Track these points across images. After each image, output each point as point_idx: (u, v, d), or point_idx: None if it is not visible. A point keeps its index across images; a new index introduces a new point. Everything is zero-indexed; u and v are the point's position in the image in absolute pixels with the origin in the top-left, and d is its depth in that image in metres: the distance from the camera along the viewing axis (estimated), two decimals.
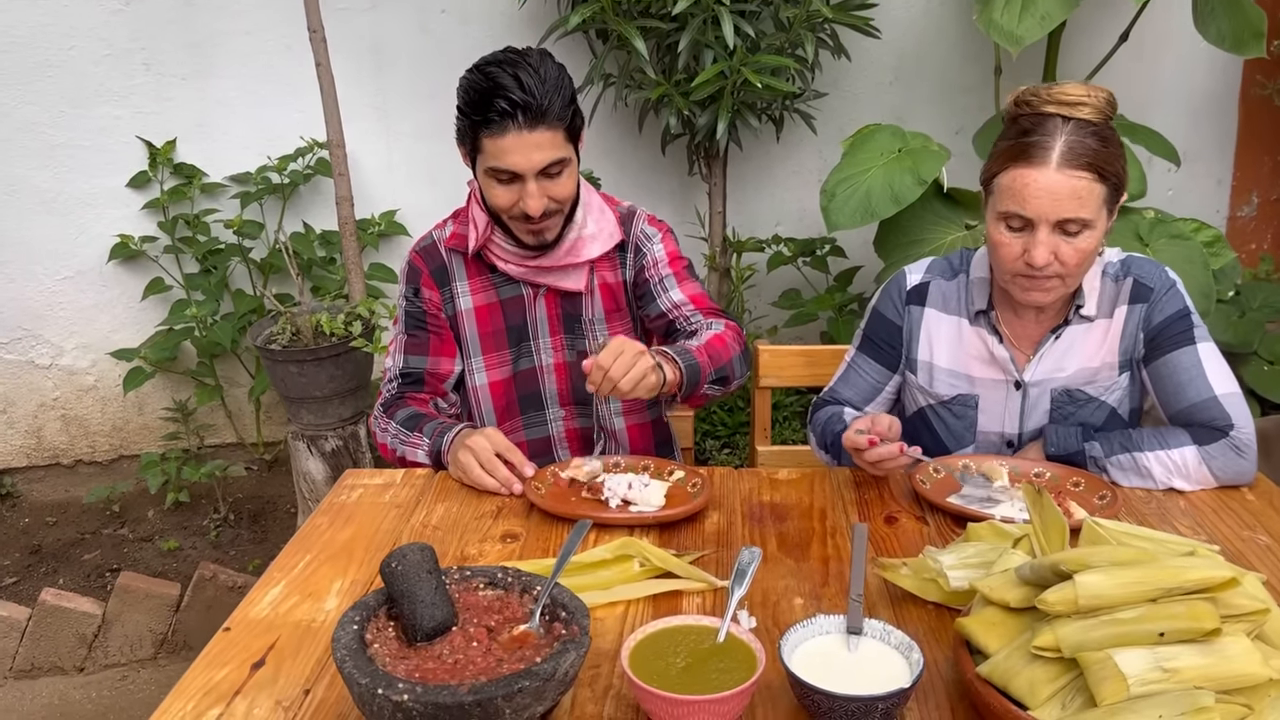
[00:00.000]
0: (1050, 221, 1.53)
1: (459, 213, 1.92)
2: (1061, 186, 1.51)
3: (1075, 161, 1.51)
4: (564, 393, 1.94)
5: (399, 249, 3.60)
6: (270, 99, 3.43)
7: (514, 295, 1.89)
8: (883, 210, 2.78)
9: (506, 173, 1.69)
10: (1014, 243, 1.57)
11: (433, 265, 1.89)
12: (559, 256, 1.83)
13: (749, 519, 1.55)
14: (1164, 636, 1.02)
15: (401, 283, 1.93)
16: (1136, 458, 1.61)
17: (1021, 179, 1.53)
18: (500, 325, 1.90)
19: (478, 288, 1.89)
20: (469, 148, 1.74)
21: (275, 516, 3.43)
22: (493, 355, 1.92)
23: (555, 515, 1.54)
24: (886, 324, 1.81)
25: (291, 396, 2.85)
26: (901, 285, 1.80)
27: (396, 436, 1.81)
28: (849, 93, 3.61)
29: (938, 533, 1.50)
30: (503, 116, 1.64)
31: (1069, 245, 1.55)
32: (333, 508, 1.63)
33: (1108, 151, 1.54)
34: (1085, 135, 1.52)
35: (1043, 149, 1.52)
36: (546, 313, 1.90)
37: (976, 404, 1.74)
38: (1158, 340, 1.66)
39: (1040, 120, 1.55)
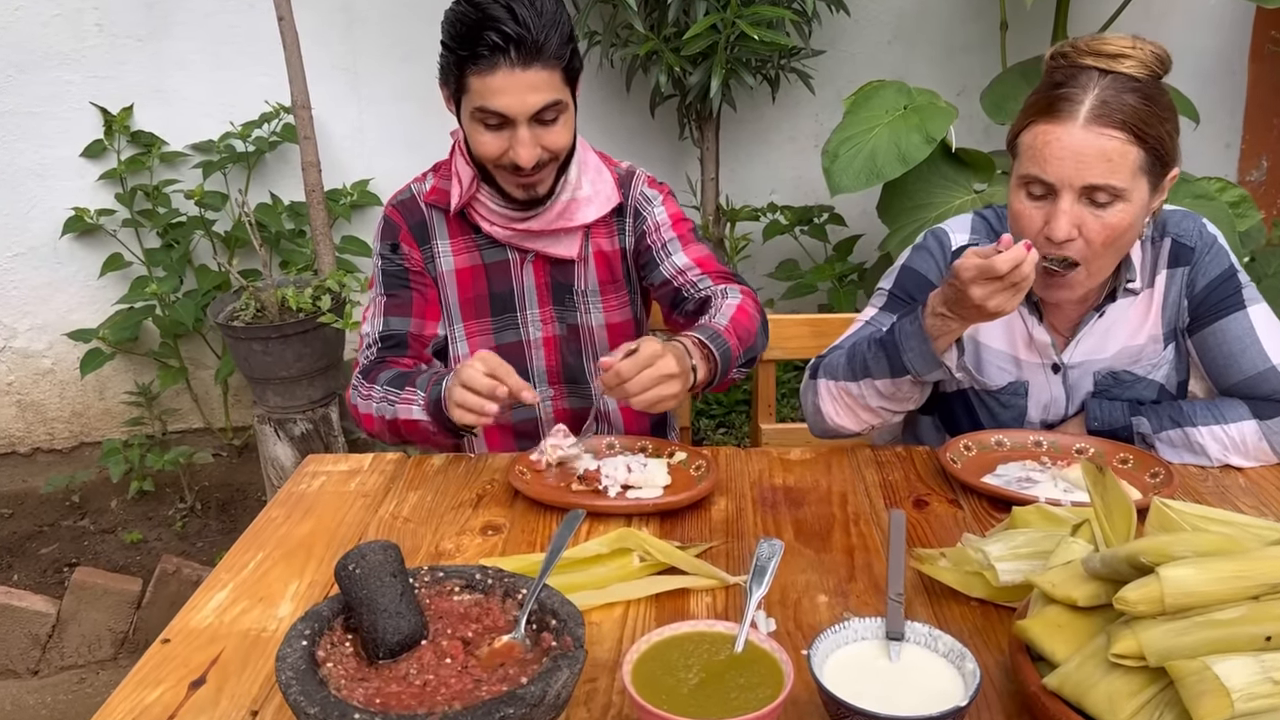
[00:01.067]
0: (1075, 188, 1.32)
1: (440, 165, 1.74)
2: (1088, 146, 1.31)
3: (1107, 118, 1.31)
4: (553, 370, 1.76)
5: (372, 221, 3.39)
6: (233, 61, 3.22)
7: (499, 259, 1.71)
8: (890, 171, 2.60)
9: (496, 116, 1.51)
10: (1034, 213, 1.37)
11: (411, 220, 1.71)
12: (550, 219, 1.65)
13: (761, 505, 1.38)
14: (1271, 641, 0.86)
15: (376, 239, 1.73)
16: (1189, 433, 1.44)
17: (1044, 136, 1.33)
18: (483, 290, 1.72)
19: (460, 248, 1.71)
20: (453, 88, 1.56)
21: (245, 506, 3.24)
22: (473, 323, 1.74)
23: (543, 504, 1.37)
24: (924, 282, 1.57)
25: (256, 377, 2.66)
26: (945, 242, 1.58)
27: (384, 400, 1.61)
28: (846, 52, 3.43)
29: (974, 517, 1.33)
30: (493, 51, 1.46)
31: (1096, 219, 1.34)
32: (290, 498, 1.45)
33: (1149, 111, 1.33)
34: (1124, 90, 1.32)
35: (1071, 102, 1.32)
36: (535, 281, 1.72)
37: (1027, 391, 1.54)
38: (1204, 306, 1.49)
39: (1075, 73, 1.35)
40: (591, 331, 1.76)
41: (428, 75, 3.27)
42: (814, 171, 3.59)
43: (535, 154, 1.53)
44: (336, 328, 2.61)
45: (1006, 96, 2.93)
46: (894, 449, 1.54)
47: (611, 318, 1.77)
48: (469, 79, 1.50)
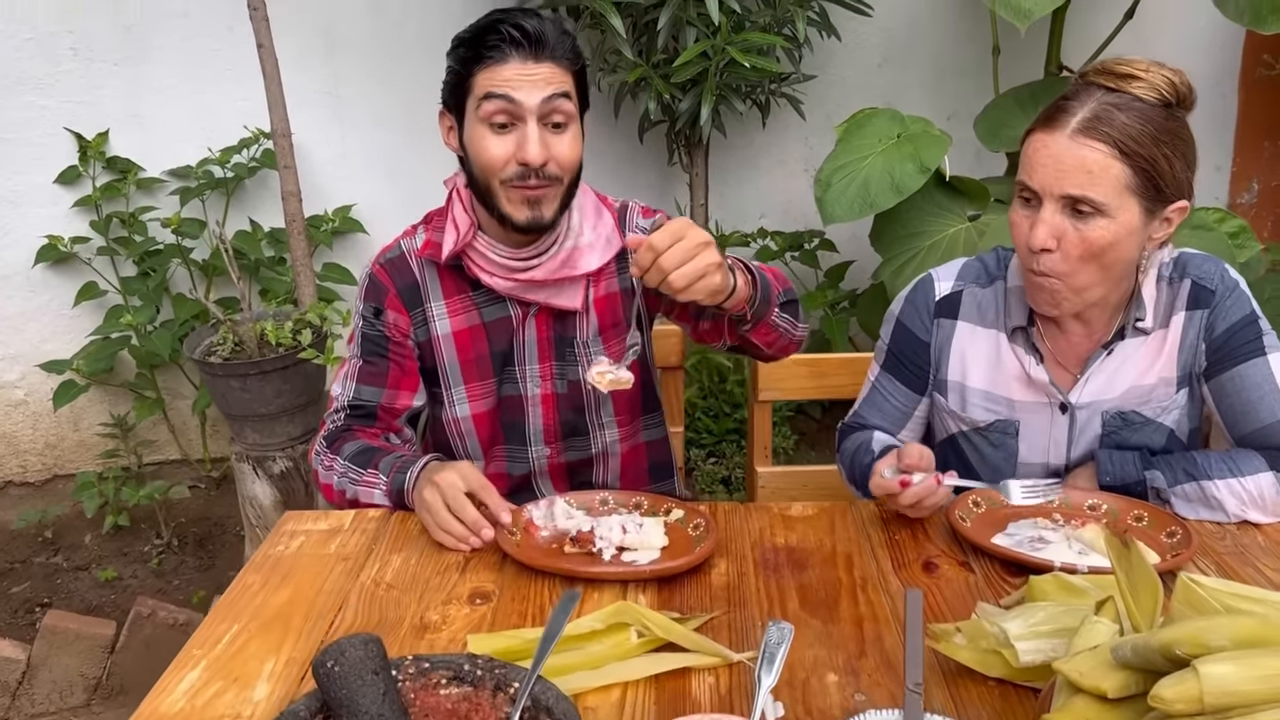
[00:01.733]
0: (1054, 196, 1.32)
1: (431, 216, 1.64)
2: (1069, 155, 1.30)
3: (1093, 130, 1.29)
4: (550, 428, 1.66)
5: (354, 247, 3.34)
6: (211, 86, 3.15)
7: (501, 317, 1.60)
8: (883, 201, 2.56)
9: (503, 107, 1.43)
10: (1023, 221, 1.37)
11: (401, 282, 1.60)
12: (553, 268, 1.54)
13: (763, 568, 1.31)
14: None
15: (359, 298, 1.63)
16: (1205, 487, 1.39)
17: (1034, 144, 1.34)
18: (484, 350, 1.61)
19: (458, 308, 1.60)
20: (458, 98, 1.48)
21: (223, 541, 3.16)
22: (476, 385, 1.63)
23: (534, 569, 1.30)
24: (912, 340, 1.56)
25: (234, 414, 2.58)
26: (929, 295, 1.56)
27: (346, 475, 1.54)
28: (836, 76, 3.39)
29: (986, 582, 1.27)
30: (504, 44, 1.42)
31: (1076, 232, 1.32)
32: (267, 561, 1.37)
33: (1144, 132, 1.29)
34: (1122, 109, 1.29)
35: (1065, 113, 1.32)
36: (537, 335, 1.61)
37: (1017, 431, 1.51)
38: (1222, 351, 1.44)
39: (1081, 88, 1.34)
40: None
41: (410, 100, 3.25)
42: (804, 196, 3.55)
43: (544, 152, 1.44)
44: (317, 363, 2.53)
45: (1001, 123, 2.90)
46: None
47: None
48: (476, 78, 1.44)
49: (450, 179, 1.60)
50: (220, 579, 2.99)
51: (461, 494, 1.38)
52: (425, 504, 1.40)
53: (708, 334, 1.58)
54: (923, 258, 2.71)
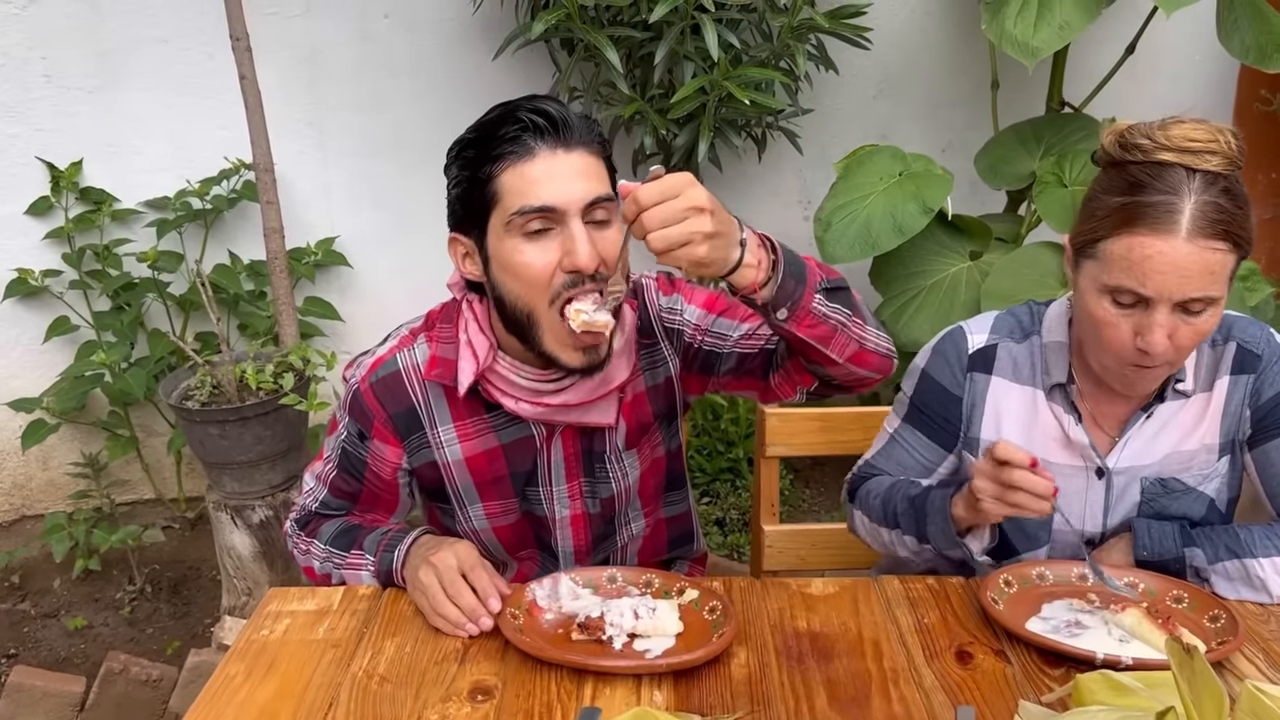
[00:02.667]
0: (1172, 301, 1.23)
1: (434, 324, 1.42)
2: (1193, 262, 1.20)
3: (1209, 229, 1.20)
4: (581, 549, 1.51)
5: (338, 280, 3.24)
6: (190, 115, 3.05)
7: (522, 437, 1.42)
8: (885, 242, 2.49)
9: (540, 215, 1.23)
10: (1122, 323, 1.27)
11: (395, 408, 1.40)
12: (592, 387, 1.35)
13: (786, 658, 1.23)
14: None
15: (342, 410, 1.44)
16: (1248, 566, 1.32)
17: (1142, 249, 1.22)
18: (503, 472, 1.44)
19: (469, 431, 1.41)
20: (475, 215, 1.27)
21: (199, 586, 3.04)
22: (495, 504, 1.47)
23: (538, 659, 1.21)
24: (942, 394, 1.47)
25: (212, 462, 2.47)
26: (961, 348, 1.47)
27: (329, 560, 1.43)
28: (831, 108, 3.33)
29: (1024, 674, 1.19)
30: (528, 132, 1.22)
31: (1189, 327, 1.25)
32: (250, 648, 1.27)
33: (1242, 213, 1.23)
34: (1217, 194, 1.21)
35: (1169, 213, 1.20)
36: (564, 453, 1.44)
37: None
38: (1269, 419, 1.38)
39: (1158, 172, 1.22)
40: (626, 492, 1.51)
41: (398, 129, 3.15)
42: (798, 229, 3.49)
43: (596, 257, 1.23)
44: (300, 409, 2.43)
45: (1002, 160, 2.84)
46: (925, 581, 1.40)
47: (644, 466, 1.51)
48: (499, 180, 1.23)
49: (457, 283, 1.40)
50: (196, 627, 2.87)
51: (458, 576, 1.28)
52: (420, 586, 1.30)
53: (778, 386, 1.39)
54: (924, 297, 2.65)
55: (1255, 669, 1.19)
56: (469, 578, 1.29)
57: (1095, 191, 1.30)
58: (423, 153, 3.19)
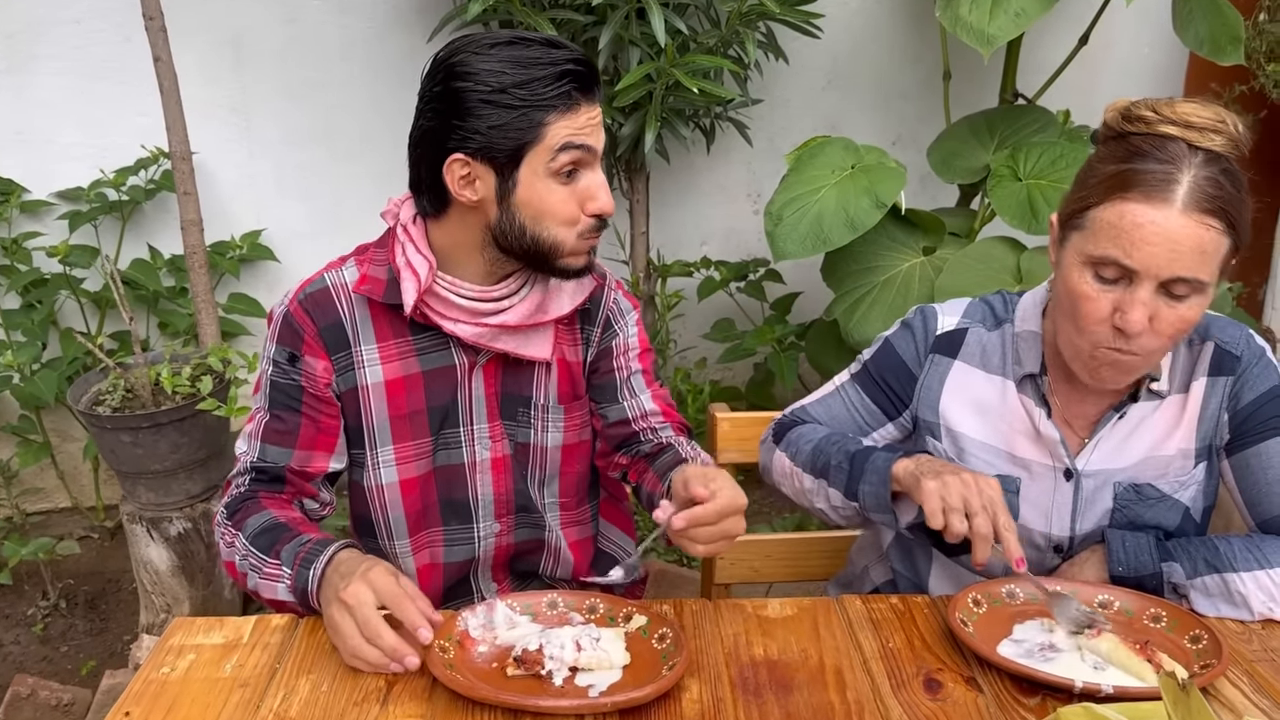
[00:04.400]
0: (1159, 278, 1.16)
1: (365, 249, 1.42)
2: (1186, 236, 1.13)
3: (1206, 203, 1.13)
4: (502, 498, 1.46)
5: (264, 276, 3.08)
6: (105, 101, 2.87)
7: (443, 365, 1.40)
8: (837, 237, 2.41)
9: (578, 152, 1.29)
10: (1103, 298, 1.19)
11: (324, 321, 1.38)
12: (527, 311, 1.37)
13: (741, 691, 1.12)
14: None
15: (270, 341, 1.39)
16: (1229, 580, 1.25)
17: (1133, 217, 1.15)
18: (420, 405, 1.41)
19: (392, 353, 1.39)
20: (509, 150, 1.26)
21: (118, 600, 2.87)
22: (407, 445, 1.42)
23: (470, 699, 1.09)
24: (900, 367, 1.42)
25: (126, 471, 2.31)
26: (930, 326, 1.42)
27: (248, 559, 1.31)
28: (780, 99, 3.25)
29: (998, 704, 1.10)
30: (577, 90, 1.26)
31: (1171, 311, 1.17)
32: (149, 689, 1.14)
33: (1240, 198, 1.17)
34: (1217, 172, 1.15)
35: (1166, 182, 1.14)
36: (485, 390, 1.42)
37: (1018, 489, 1.36)
38: (1248, 425, 1.31)
39: (1160, 143, 1.16)
40: (544, 453, 1.47)
41: (325, 116, 3.00)
42: (746, 223, 3.40)
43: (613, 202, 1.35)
44: (219, 414, 2.27)
45: (954, 153, 2.77)
46: (888, 600, 1.30)
47: (570, 438, 1.48)
48: (549, 126, 1.25)
49: (389, 211, 1.39)
50: (114, 645, 2.71)
51: (375, 613, 1.15)
52: (333, 626, 1.18)
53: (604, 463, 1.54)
54: (877, 294, 2.57)
55: (1240, 694, 1.11)
56: (394, 611, 1.16)
57: (1090, 162, 1.23)
58: (355, 140, 3.05)
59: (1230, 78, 3.30)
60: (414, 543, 1.46)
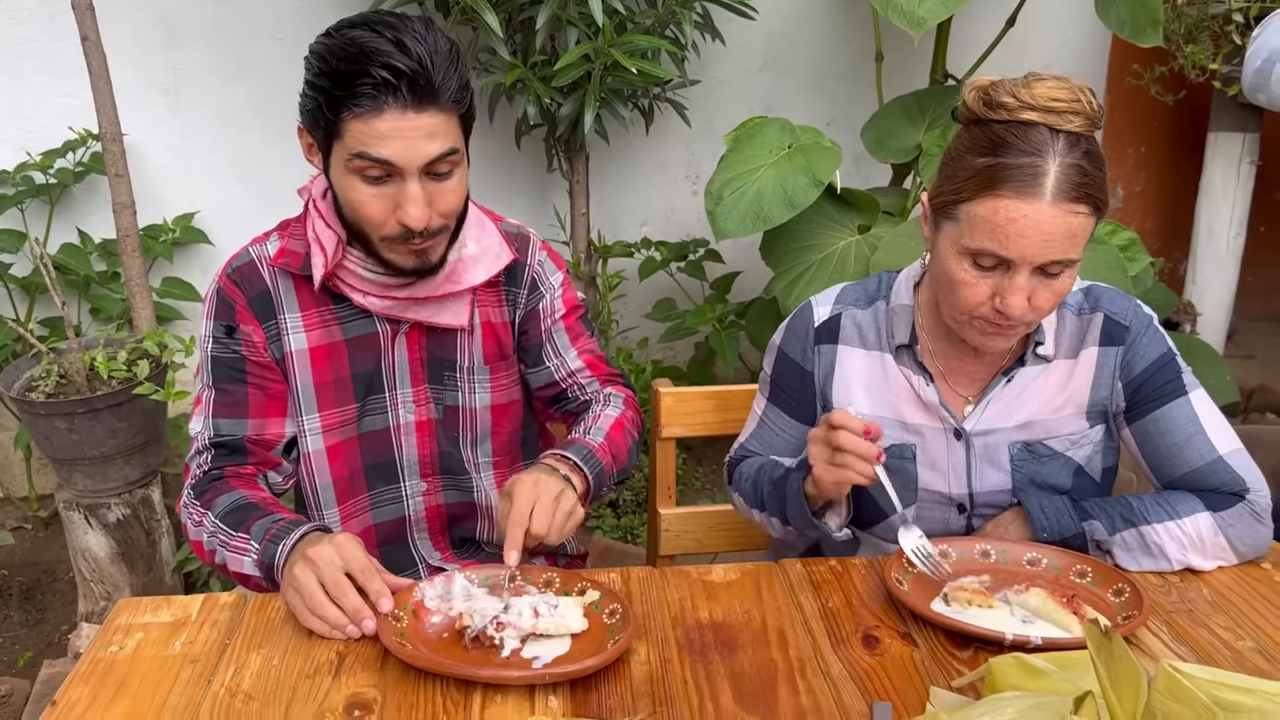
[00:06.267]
0: (1034, 264, 1.21)
1: (287, 224, 1.45)
2: (1057, 225, 1.19)
3: (1073, 192, 1.18)
4: (426, 459, 1.50)
5: (198, 259, 3.03)
6: (31, 81, 2.81)
7: (366, 333, 1.43)
8: (776, 215, 2.44)
9: (380, 166, 1.24)
10: (980, 283, 1.24)
11: (252, 292, 1.40)
12: (436, 284, 1.39)
13: (688, 652, 1.16)
14: None
15: (206, 319, 1.42)
16: (1144, 533, 1.31)
17: (1006, 213, 1.19)
18: (344, 373, 1.44)
19: (315, 322, 1.42)
20: (322, 134, 1.27)
21: (55, 590, 2.82)
22: (332, 412, 1.45)
23: (422, 670, 1.11)
24: (796, 370, 1.47)
25: (61, 458, 2.27)
26: (808, 321, 1.47)
27: (216, 535, 1.33)
28: (716, 80, 3.28)
29: (933, 658, 1.15)
30: (380, 90, 1.20)
31: (1047, 288, 1.24)
32: (97, 668, 1.14)
33: (1101, 175, 1.22)
34: (1079, 156, 1.20)
35: (1034, 175, 1.18)
36: (408, 356, 1.45)
37: (914, 455, 1.42)
38: (1142, 392, 1.37)
39: (1023, 132, 1.20)
40: (474, 414, 1.51)
41: (259, 97, 2.96)
42: (686, 203, 3.43)
43: (427, 215, 1.28)
44: (156, 399, 2.24)
45: (887, 133, 2.83)
46: (828, 563, 1.35)
47: (498, 398, 1.52)
48: (346, 122, 1.23)
49: (305, 188, 1.42)
50: (52, 635, 2.66)
51: (341, 574, 1.18)
52: (297, 584, 1.19)
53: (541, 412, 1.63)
54: (814, 271, 2.62)
55: (1160, 643, 1.18)
56: (358, 579, 1.19)
57: (958, 150, 1.27)
58: (288, 122, 2.99)
59: (1152, 59, 3.41)
60: (342, 511, 1.49)
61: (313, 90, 1.25)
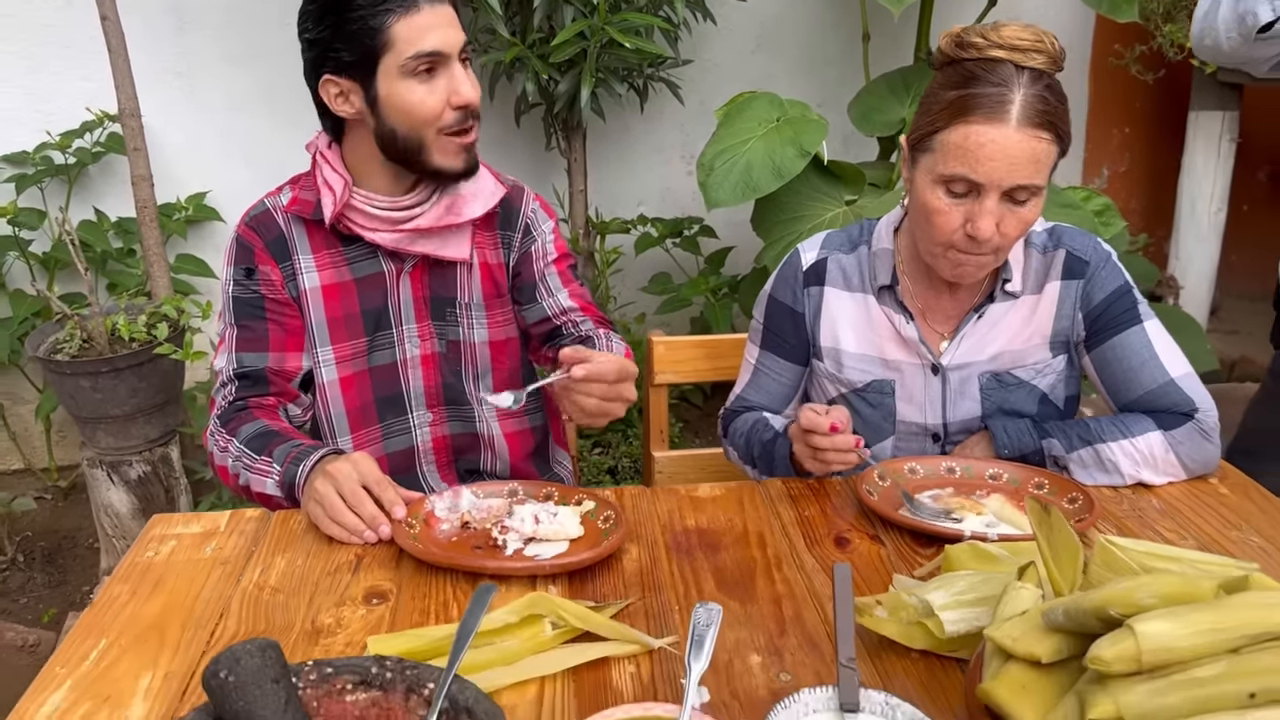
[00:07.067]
0: (1002, 188, 1.32)
1: (298, 178, 1.57)
2: (1021, 148, 1.30)
3: (1036, 119, 1.30)
4: (432, 390, 1.61)
5: (210, 237, 3.15)
6: (49, 65, 2.92)
7: (373, 273, 1.55)
8: (765, 185, 2.55)
9: (429, 59, 1.39)
10: (954, 210, 1.36)
11: (268, 236, 1.53)
12: (439, 214, 1.51)
13: (675, 551, 1.27)
14: (1255, 698, 0.80)
15: (227, 264, 1.55)
16: (1100, 450, 1.42)
17: (976, 137, 1.31)
18: (354, 309, 1.56)
19: (325, 263, 1.54)
20: (364, 58, 1.39)
21: (75, 554, 2.93)
22: (344, 345, 1.57)
23: (434, 565, 1.22)
24: (786, 313, 1.58)
25: (85, 416, 2.38)
26: (797, 266, 1.58)
27: (240, 459, 1.44)
28: (710, 61, 3.39)
29: (898, 555, 1.26)
30: None
31: (1014, 215, 1.35)
32: (135, 570, 1.25)
33: (1063, 108, 1.34)
34: (1042, 89, 1.31)
35: (1001, 102, 1.30)
36: (412, 294, 1.57)
37: (894, 390, 1.53)
38: (1101, 321, 1.48)
39: (991, 66, 1.32)
40: (474, 349, 1.62)
41: (267, 81, 3.08)
42: (681, 183, 3.54)
43: (477, 91, 1.44)
44: (175, 359, 2.36)
45: (873, 108, 2.94)
46: (806, 481, 1.46)
47: (496, 334, 1.64)
48: (389, 31, 1.37)
49: (311, 142, 1.54)
50: (73, 596, 2.77)
51: (358, 485, 1.29)
52: (317, 494, 1.30)
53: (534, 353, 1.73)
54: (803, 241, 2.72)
55: None
56: (373, 490, 1.30)
57: (932, 89, 1.38)
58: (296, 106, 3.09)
59: (1134, 38, 3.52)
60: (355, 441, 1.60)
61: (341, 21, 1.38)
